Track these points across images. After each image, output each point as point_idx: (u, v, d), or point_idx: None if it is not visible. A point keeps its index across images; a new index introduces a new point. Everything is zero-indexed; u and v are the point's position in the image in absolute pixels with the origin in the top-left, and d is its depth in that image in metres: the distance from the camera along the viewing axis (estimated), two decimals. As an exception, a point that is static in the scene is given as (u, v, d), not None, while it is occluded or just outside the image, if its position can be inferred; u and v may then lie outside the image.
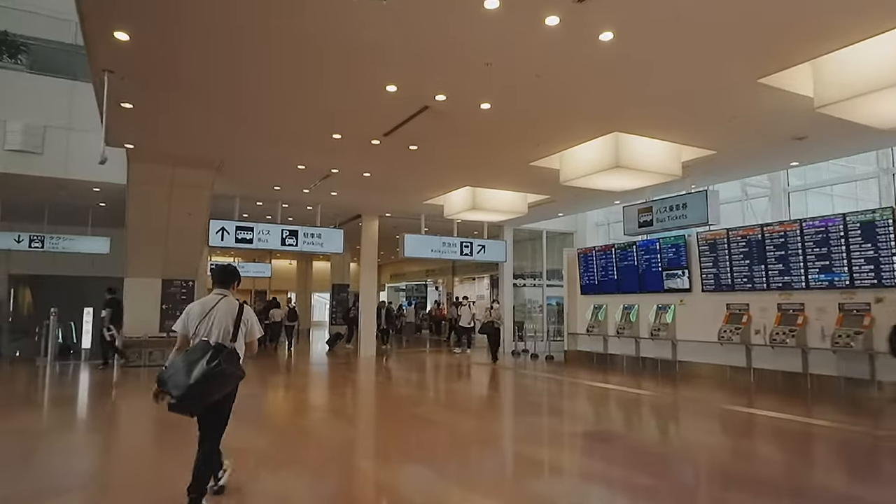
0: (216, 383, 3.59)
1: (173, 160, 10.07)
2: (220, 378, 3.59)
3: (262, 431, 6.27)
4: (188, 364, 3.54)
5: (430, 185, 11.79)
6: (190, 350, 3.68)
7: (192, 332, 3.79)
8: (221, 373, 3.58)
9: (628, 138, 8.44)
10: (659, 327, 12.04)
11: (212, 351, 3.60)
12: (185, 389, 3.47)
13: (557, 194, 12.54)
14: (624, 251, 13.20)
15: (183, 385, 3.47)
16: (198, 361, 3.54)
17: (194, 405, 3.60)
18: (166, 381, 3.54)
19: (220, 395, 3.70)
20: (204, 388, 3.52)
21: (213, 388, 3.59)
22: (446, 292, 26.24)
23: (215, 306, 3.84)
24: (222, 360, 3.59)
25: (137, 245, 11.84)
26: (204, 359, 3.54)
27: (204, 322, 3.78)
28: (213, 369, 3.53)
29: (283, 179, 11.52)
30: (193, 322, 3.81)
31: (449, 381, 11.46)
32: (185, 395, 3.48)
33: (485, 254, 15.70)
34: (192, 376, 3.48)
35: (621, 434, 6.42)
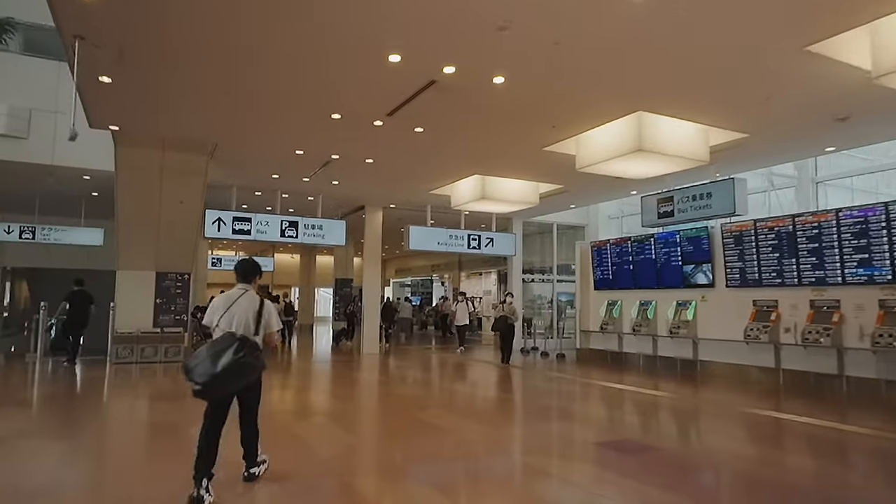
0: (239, 373, 3.77)
1: (163, 144, 9.47)
2: (243, 369, 3.76)
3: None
4: (214, 354, 3.70)
5: (436, 172, 11.13)
6: (215, 341, 3.83)
7: (216, 324, 3.95)
8: (246, 364, 3.76)
9: (653, 119, 7.75)
10: (679, 325, 11.35)
11: (237, 343, 3.76)
12: (210, 377, 3.64)
13: (571, 183, 11.85)
14: (641, 244, 12.50)
15: (209, 373, 3.64)
16: (224, 352, 3.70)
17: (217, 392, 3.78)
18: (192, 370, 3.69)
19: (241, 385, 3.88)
20: (228, 377, 3.70)
21: (236, 378, 3.77)
22: (452, 287, 25.62)
23: (237, 300, 4.01)
24: (247, 351, 3.77)
25: (128, 235, 11.24)
26: (230, 349, 3.71)
27: (227, 315, 3.94)
28: (239, 360, 3.70)
29: (282, 167, 10.89)
30: (217, 314, 3.97)
31: (454, 383, 10.82)
32: (209, 383, 3.66)
33: (493, 247, 15.05)
34: (219, 365, 3.65)
35: (644, 444, 5.76)
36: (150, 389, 9.17)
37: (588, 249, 14.11)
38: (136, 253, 11.70)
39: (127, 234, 11.23)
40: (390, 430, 6.51)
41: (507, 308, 12.40)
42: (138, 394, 8.77)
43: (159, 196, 10.53)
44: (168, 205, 10.77)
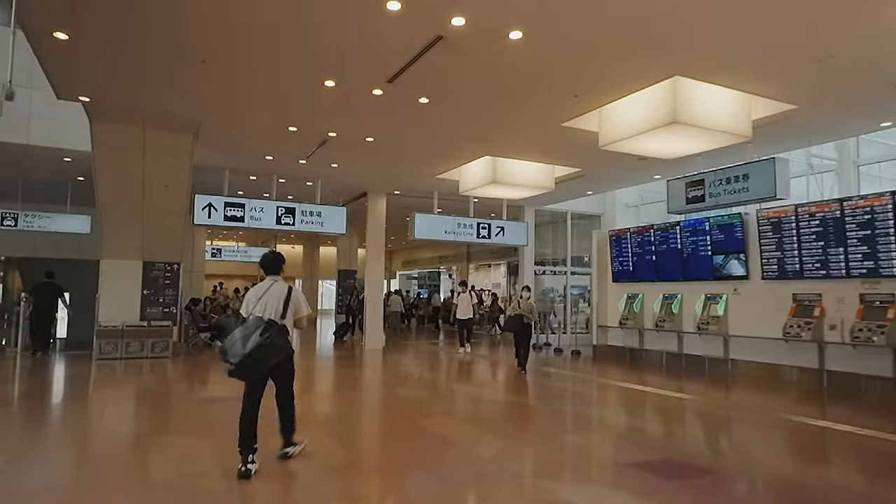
0: (267, 353, 4.07)
1: (143, 121, 8.59)
2: (270, 349, 4.07)
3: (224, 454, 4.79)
4: (244, 336, 4.03)
5: (443, 153, 10.20)
6: (245, 325, 4.18)
7: (251, 312, 4.29)
8: (272, 344, 4.06)
9: (691, 87, 6.78)
10: (707, 320, 10.40)
11: (263, 325, 4.10)
12: (241, 357, 3.96)
13: (590, 166, 10.89)
14: (665, 233, 11.53)
15: (240, 354, 3.97)
16: (252, 334, 4.03)
17: (248, 371, 4.10)
18: (227, 352, 4.03)
19: (271, 365, 4.17)
20: (257, 356, 4.00)
21: (264, 358, 4.07)
22: (460, 280, 24.70)
23: (269, 289, 4.37)
24: (272, 333, 4.09)
25: (111, 222, 10.40)
26: (257, 332, 4.04)
27: (260, 303, 4.30)
28: (265, 341, 4.02)
29: (275, 147, 10.01)
30: (251, 305, 4.34)
31: (460, 385, 9.93)
32: (241, 363, 3.98)
33: (504, 236, 14.13)
34: (247, 346, 3.97)
35: (686, 464, 4.85)
36: (127, 390, 8.34)
37: (606, 239, 13.15)
38: (121, 241, 10.88)
39: (109, 221, 10.40)
40: (388, 442, 5.63)
41: (524, 305, 10.28)
42: (114, 395, 7.94)
43: (142, 179, 9.68)
44: (152, 189, 9.92)
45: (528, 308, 10.23)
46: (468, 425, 6.15)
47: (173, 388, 8.33)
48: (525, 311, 10.14)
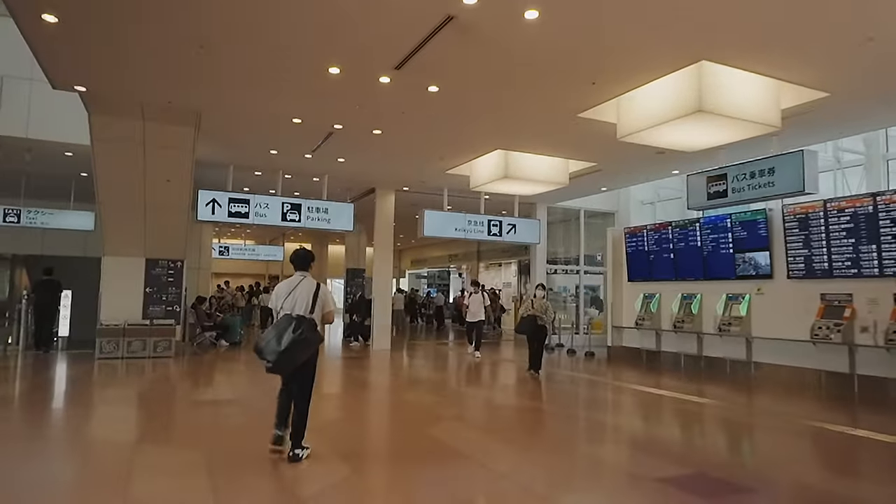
0: (301, 347, 4.25)
1: (142, 112, 8.28)
2: (303, 343, 4.25)
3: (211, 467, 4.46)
4: (278, 334, 4.21)
5: (453, 146, 9.81)
6: (277, 322, 4.33)
7: (280, 307, 4.41)
8: (305, 339, 4.25)
9: (717, 73, 6.36)
10: (729, 321, 9.96)
11: (295, 321, 4.26)
12: (277, 355, 4.16)
13: (606, 160, 10.48)
14: (684, 230, 11.09)
15: (276, 351, 4.16)
16: (285, 331, 4.21)
17: (286, 366, 4.29)
18: (262, 350, 4.23)
19: (305, 357, 4.36)
20: (292, 351, 4.19)
21: (299, 352, 4.26)
22: (472, 279, 24.32)
23: (298, 285, 4.49)
24: (304, 328, 4.26)
25: (112, 217, 10.14)
26: (290, 328, 4.21)
27: (289, 298, 4.42)
28: (299, 336, 4.20)
29: (279, 140, 9.68)
30: (280, 299, 4.45)
31: (471, 388, 9.56)
32: (278, 360, 4.19)
33: (515, 234, 13.74)
34: (282, 343, 4.16)
35: (722, 479, 4.45)
36: (123, 391, 8.05)
37: (621, 237, 12.73)
38: (123, 237, 10.63)
39: (110, 216, 10.14)
40: (392, 452, 5.28)
41: (538, 304, 9.49)
42: (108, 397, 7.65)
43: (143, 173, 9.39)
44: (154, 183, 9.63)
45: (543, 308, 9.45)
46: (479, 433, 5.78)
47: (170, 390, 8.02)
48: (539, 312, 9.39)
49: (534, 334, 9.44)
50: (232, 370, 10.28)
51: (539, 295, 9.62)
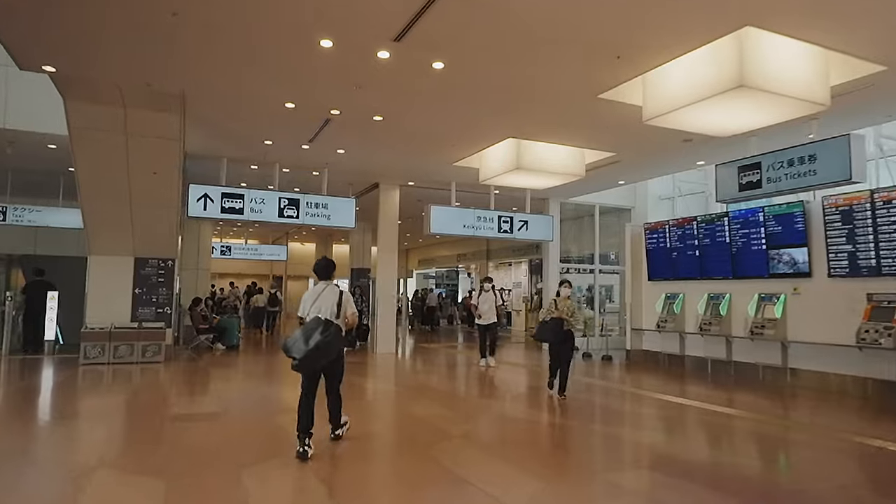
0: (326, 349, 4.60)
1: (122, 97, 7.60)
2: (329, 345, 4.61)
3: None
4: (306, 335, 4.58)
5: (461, 135, 9.07)
6: (306, 325, 4.71)
7: (307, 312, 4.84)
8: (330, 342, 4.62)
9: (762, 42, 5.59)
10: (762, 323, 9.15)
11: (322, 325, 4.64)
12: (304, 354, 4.52)
13: (625, 150, 9.70)
14: (711, 225, 10.28)
15: (303, 350, 4.53)
16: (313, 333, 4.58)
17: (311, 365, 4.63)
18: (290, 349, 4.58)
19: (330, 357, 4.71)
20: (318, 352, 4.55)
21: (324, 352, 4.60)
22: (484, 276, 23.56)
23: (322, 292, 4.90)
24: (331, 332, 4.64)
25: (95, 213, 9.50)
26: (318, 330, 4.59)
27: (315, 305, 4.83)
28: (325, 339, 4.57)
29: (273, 129, 8.98)
30: (308, 304, 4.88)
31: (479, 393, 8.80)
32: (304, 358, 4.54)
33: (527, 231, 12.99)
34: (310, 344, 4.53)
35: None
36: (100, 402, 7.37)
37: (640, 233, 11.93)
38: (108, 235, 10.01)
39: (94, 213, 9.50)
40: (390, 482, 4.54)
41: (564, 305, 7.55)
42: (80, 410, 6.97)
43: (127, 165, 8.72)
44: (139, 176, 8.97)
45: (570, 310, 7.55)
46: (490, 456, 5.03)
47: (149, 402, 7.30)
48: (565, 314, 7.51)
49: (559, 343, 7.58)
50: (222, 377, 9.57)
51: (564, 293, 7.75)
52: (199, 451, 4.89)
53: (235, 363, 11.09)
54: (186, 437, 5.41)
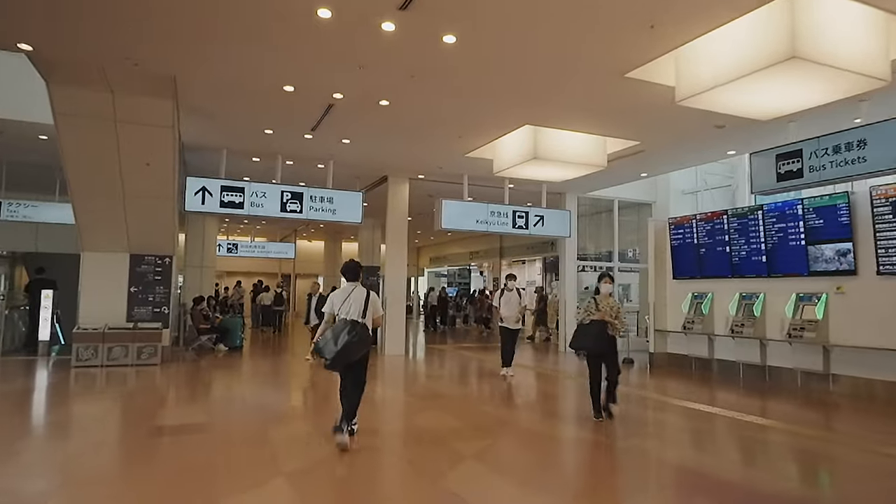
0: (355, 347, 4.84)
1: (107, 81, 7.05)
2: (357, 344, 4.85)
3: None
4: (335, 335, 4.83)
5: (474, 121, 8.42)
6: (335, 326, 4.95)
7: (337, 312, 5.04)
8: (359, 341, 4.86)
9: (815, 7, 4.94)
10: (801, 325, 8.43)
11: (350, 325, 4.87)
12: (335, 353, 4.77)
13: (650, 138, 9.01)
14: (743, 219, 9.55)
15: (333, 350, 4.78)
16: (341, 333, 4.82)
17: (341, 363, 4.87)
18: (322, 349, 4.86)
19: (359, 356, 4.95)
20: (347, 351, 4.79)
21: (353, 351, 4.85)
22: (492, 277, 22.92)
23: (351, 293, 5.08)
24: (358, 331, 4.87)
25: (86, 206, 9.00)
26: (345, 331, 4.82)
27: (345, 305, 5.01)
28: (353, 338, 4.81)
29: (272, 116, 8.39)
30: (337, 305, 5.06)
31: (494, 407, 8.16)
32: (335, 357, 4.79)
33: (543, 226, 12.34)
34: (339, 344, 4.78)
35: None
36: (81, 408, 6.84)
37: (665, 228, 11.22)
38: (101, 230, 9.51)
39: (84, 206, 9.00)
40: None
41: (606, 305, 6.23)
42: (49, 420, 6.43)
43: (118, 155, 8.19)
44: (132, 168, 8.44)
45: (614, 311, 6.19)
46: (510, 482, 4.40)
47: (134, 410, 6.71)
48: (609, 316, 6.15)
49: (603, 349, 6.16)
50: (218, 382, 8.97)
51: (605, 290, 6.34)
52: (175, 474, 4.31)
53: (236, 365, 10.55)
54: (168, 454, 4.84)
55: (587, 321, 6.19)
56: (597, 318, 6.12)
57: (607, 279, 6.39)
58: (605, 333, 6.09)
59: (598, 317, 6.12)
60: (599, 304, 6.22)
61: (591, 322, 6.15)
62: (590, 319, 6.17)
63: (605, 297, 6.29)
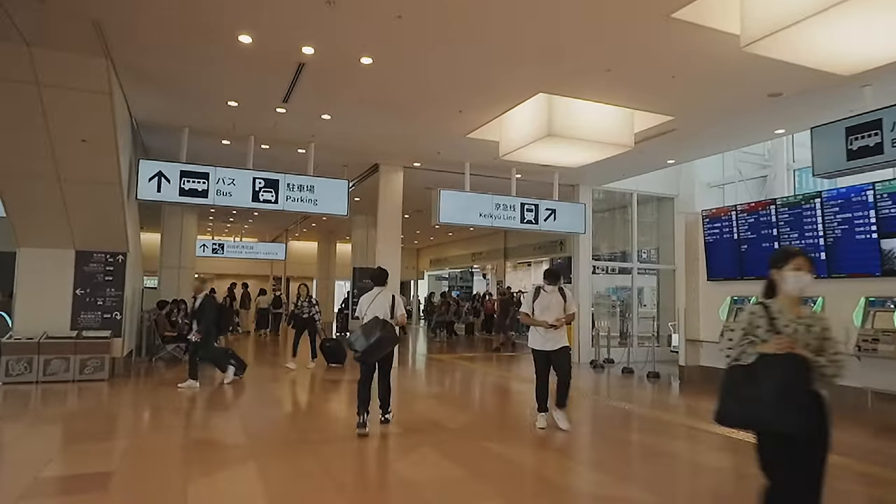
0: (384, 343, 5.50)
1: (18, 27, 5.62)
2: (385, 340, 5.50)
3: None
4: (366, 333, 5.45)
5: (477, 89, 6.97)
6: (366, 324, 5.54)
7: (364, 313, 5.68)
8: (388, 337, 5.51)
9: None
10: (874, 336, 6.95)
11: (380, 324, 5.50)
12: (366, 347, 5.40)
13: (687, 112, 7.57)
14: (796, 209, 8.08)
15: (364, 345, 5.40)
16: (373, 330, 5.44)
17: (371, 357, 5.52)
18: (353, 344, 5.48)
19: (387, 350, 5.63)
20: (377, 346, 5.45)
21: (381, 346, 5.50)
22: (496, 280, 21.44)
23: (377, 296, 5.76)
24: (386, 329, 5.50)
25: (15, 192, 7.60)
26: (377, 328, 5.45)
27: (372, 306, 5.67)
28: (382, 335, 5.44)
29: (234, 83, 6.96)
30: (365, 306, 5.70)
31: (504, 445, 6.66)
32: (365, 352, 5.43)
33: (555, 221, 10.91)
34: (370, 340, 5.40)
35: None
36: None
37: (697, 222, 9.75)
38: (39, 222, 8.08)
39: (14, 192, 7.60)
40: None
41: (816, 329, 2.74)
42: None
43: (46, 129, 6.76)
44: (65, 144, 7.03)
45: (822, 338, 2.74)
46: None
47: (28, 450, 5.10)
48: (814, 348, 2.71)
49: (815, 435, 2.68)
50: (162, 406, 7.05)
51: (805, 314, 2.86)
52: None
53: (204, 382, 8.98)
54: None
55: (756, 356, 2.71)
56: (796, 353, 2.65)
57: (801, 263, 2.83)
58: (807, 383, 2.64)
59: (783, 347, 2.64)
60: (781, 320, 2.79)
61: (768, 361, 2.63)
62: (764, 354, 2.67)
63: (814, 320, 2.82)
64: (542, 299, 6.12)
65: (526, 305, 6.27)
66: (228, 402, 7.61)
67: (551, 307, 6.04)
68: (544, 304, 6.08)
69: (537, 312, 6.07)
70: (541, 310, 6.06)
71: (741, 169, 12.19)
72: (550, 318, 5.97)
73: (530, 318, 6.13)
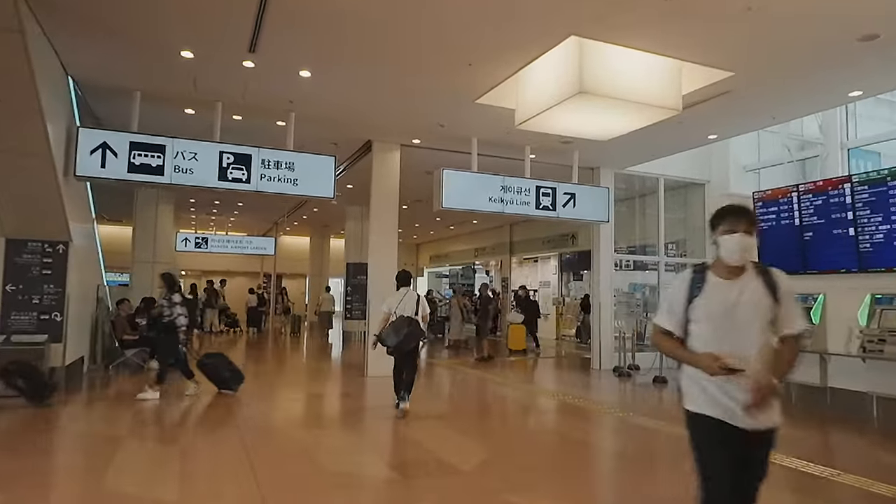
0: (412, 338, 6.21)
1: None
2: (415, 334, 6.22)
3: None
4: (396, 329, 6.16)
5: (494, 24, 5.50)
6: (395, 322, 6.24)
7: (393, 312, 6.34)
8: (416, 332, 6.23)
9: None
10: (880, 335, 5.52)
11: (407, 321, 6.21)
12: (397, 342, 6.12)
13: (751, 66, 6.11)
14: (880, 186, 6.63)
15: (395, 340, 6.12)
16: (402, 327, 6.15)
17: (402, 349, 6.21)
18: (385, 339, 6.19)
19: (415, 344, 6.34)
20: (405, 341, 6.15)
21: (409, 341, 6.20)
22: (500, 278, 19.97)
23: (405, 296, 6.41)
24: (415, 325, 6.23)
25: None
26: (406, 324, 6.17)
27: (400, 305, 6.34)
28: (410, 331, 6.17)
29: (179, 20, 5.49)
30: (394, 305, 6.37)
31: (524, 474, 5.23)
32: (397, 345, 6.14)
33: (575, 208, 9.47)
34: (399, 335, 6.12)
35: None
36: None
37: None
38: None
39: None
40: None
41: None
42: None
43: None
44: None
45: None
46: None
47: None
48: None
49: None
50: (83, 434, 5.63)
51: None
52: None
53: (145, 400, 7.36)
54: None
55: None
56: None
57: None
58: None
59: None
60: None
61: None
62: None
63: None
64: (718, 293, 2.42)
65: (668, 314, 2.54)
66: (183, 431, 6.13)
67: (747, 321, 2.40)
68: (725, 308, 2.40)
69: (705, 331, 2.43)
70: (713, 329, 2.41)
71: (781, 153, 10.70)
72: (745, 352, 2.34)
73: (683, 350, 2.48)
